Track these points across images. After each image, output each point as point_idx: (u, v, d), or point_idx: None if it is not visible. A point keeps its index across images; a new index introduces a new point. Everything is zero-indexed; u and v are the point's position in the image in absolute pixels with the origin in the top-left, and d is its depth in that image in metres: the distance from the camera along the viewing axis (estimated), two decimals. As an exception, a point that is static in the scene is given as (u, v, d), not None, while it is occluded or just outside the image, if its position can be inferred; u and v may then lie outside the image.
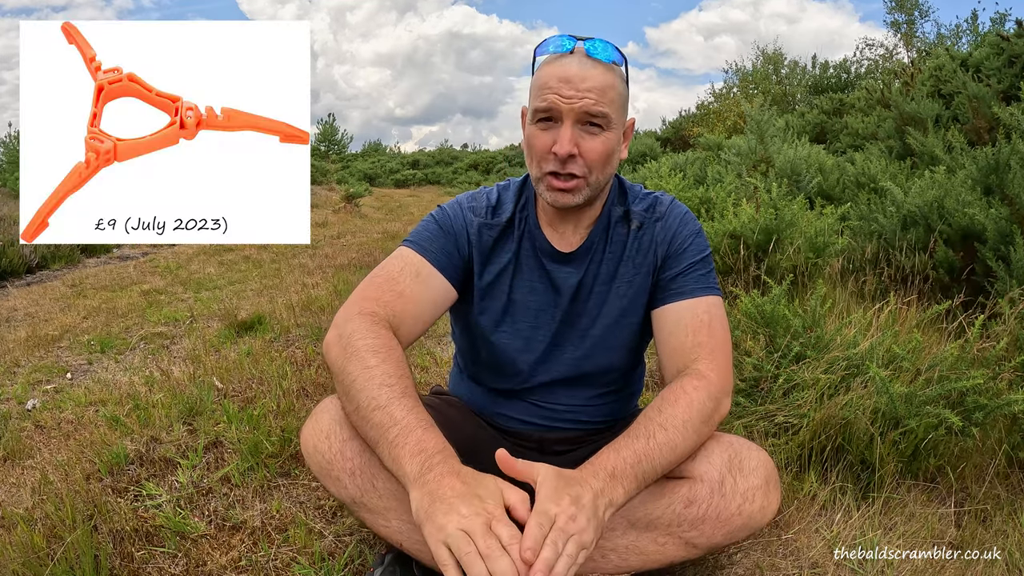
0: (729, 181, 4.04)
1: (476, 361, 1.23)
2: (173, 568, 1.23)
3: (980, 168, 2.72)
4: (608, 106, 0.99)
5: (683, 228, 1.11)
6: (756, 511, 0.98)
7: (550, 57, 1.03)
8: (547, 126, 1.01)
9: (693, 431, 0.93)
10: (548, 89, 0.99)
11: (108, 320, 3.32)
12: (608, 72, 1.01)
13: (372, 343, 0.95)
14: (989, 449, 1.53)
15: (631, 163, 8.73)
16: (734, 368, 1.83)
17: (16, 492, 1.53)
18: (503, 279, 1.13)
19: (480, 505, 0.75)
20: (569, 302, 1.12)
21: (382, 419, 0.88)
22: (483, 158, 24.56)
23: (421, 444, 0.84)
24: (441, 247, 1.10)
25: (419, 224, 1.15)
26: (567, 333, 1.14)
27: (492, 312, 1.14)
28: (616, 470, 0.85)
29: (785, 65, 16.67)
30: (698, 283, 1.07)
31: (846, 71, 14.02)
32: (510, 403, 1.21)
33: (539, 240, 1.13)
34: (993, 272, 2.26)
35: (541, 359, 1.15)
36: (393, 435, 0.86)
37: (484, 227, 1.13)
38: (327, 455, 1.03)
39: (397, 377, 0.92)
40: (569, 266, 1.12)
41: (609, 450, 0.88)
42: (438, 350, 2.67)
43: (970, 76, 4.75)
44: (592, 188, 1.03)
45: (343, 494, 1.04)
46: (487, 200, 1.16)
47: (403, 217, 9.99)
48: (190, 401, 1.98)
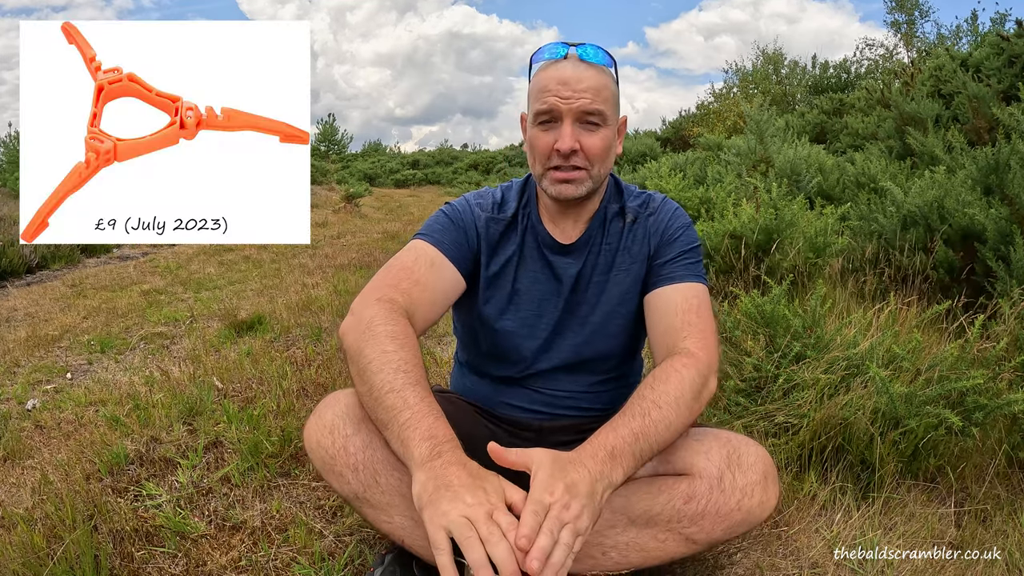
0: (729, 181, 4.04)
1: (478, 351, 1.27)
2: (173, 568, 1.23)
3: (980, 168, 2.72)
4: (603, 104, 1.07)
5: (674, 221, 1.19)
6: (755, 506, 0.99)
7: (545, 63, 1.11)
8: (548, 127, 1.09)
9: (686, 407, 0.96)
10: (547, 92, 1.07)
11: (108, 320, 3.32)
12: (601, 73, 1.09)
13: (391, 329, 0.98)
14: (989, 449, 1.53)
15: (631, 163, 8.73)
16: (734, 368, 1.83)
17: (16, 492, 1.53)
18: (508, 269, 1.20)
19: (484, 496, 0.77)
20: (570, 291, 1.19)
21: (395, 402, 0.89)
22: (483, 158, 24.57)
23: (432, 431, 0.86)
24: (453, 239, 1.16)
25: (429, 219, 1.21)
26: (568, 320, 1.20)
27: (497, 300, 1.20)
28: (615, 450, 0.87)
29: (785, 65, 16.68)
30: (687, 271, 1.14)
31: (846, 71, 14.02)
32: (512, 391, 1.24)
33: (541, 233, 1.20)
34: (993, 272, 2.26)
35: (543, 346, 1.20)
36: (405, 418, 0.88)
37: (491, 221, 1.20)
38: (330, 450, 1.04)
39: (413, 365, 0.94)
40: (569, 257, 1.19)
41: (607, 430, 0.90)
42: (438, 350, 2.67)
43: (970, 76, 4.75)
44: (594, 180, 1.11)
45: (346, 489, 1.05)
46: (492, 198, 1.23)
47: (403, 217, 9.99)
48: (190, 401, 1.98)
